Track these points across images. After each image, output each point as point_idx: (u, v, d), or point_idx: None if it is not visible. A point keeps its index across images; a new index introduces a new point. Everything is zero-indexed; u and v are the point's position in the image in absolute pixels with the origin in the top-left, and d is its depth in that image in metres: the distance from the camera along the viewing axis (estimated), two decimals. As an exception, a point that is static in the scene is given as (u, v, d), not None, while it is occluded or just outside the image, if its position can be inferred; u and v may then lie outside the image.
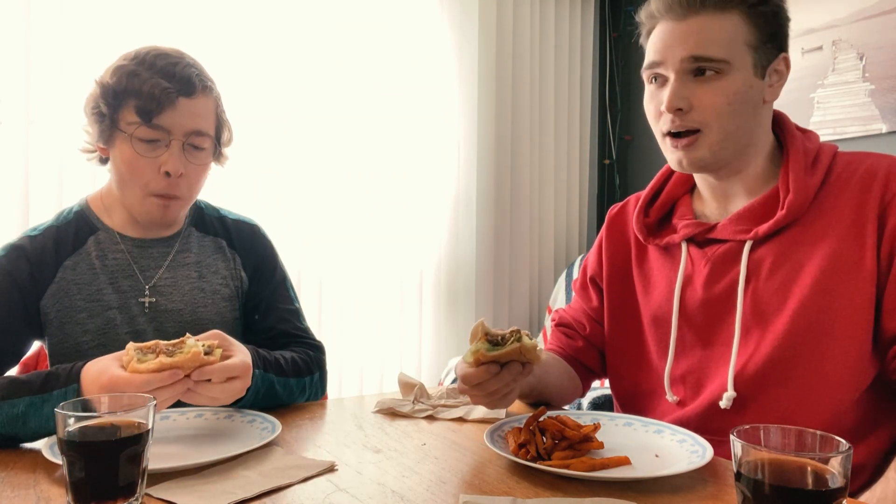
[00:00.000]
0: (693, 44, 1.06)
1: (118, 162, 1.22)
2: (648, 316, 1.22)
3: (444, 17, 3.01)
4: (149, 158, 1.20)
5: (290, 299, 1.43)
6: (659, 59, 1.10)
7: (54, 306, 1.22)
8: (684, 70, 1.07)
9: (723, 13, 1.06)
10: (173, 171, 1.20)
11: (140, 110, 1.17)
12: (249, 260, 1.40)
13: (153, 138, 1.19)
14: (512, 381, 1.00)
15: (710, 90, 1.06)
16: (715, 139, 1.08)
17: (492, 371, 0.98)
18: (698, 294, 1.14)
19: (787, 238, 1.08)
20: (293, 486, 0.85)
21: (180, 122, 1.20)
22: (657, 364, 1.19)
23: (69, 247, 1.26)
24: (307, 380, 1.28)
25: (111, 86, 1.19)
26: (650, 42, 1.13)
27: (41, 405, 0.99)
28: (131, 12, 2.31)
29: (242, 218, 1.45)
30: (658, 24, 1.11)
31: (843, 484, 0.64)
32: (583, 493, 0.83)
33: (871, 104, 2.50)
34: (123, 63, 1.21)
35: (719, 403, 1.07)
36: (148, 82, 1.17)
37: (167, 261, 1.31)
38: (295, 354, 1.29)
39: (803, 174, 1.07)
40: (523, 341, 0.96)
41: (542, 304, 3.30)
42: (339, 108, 2.76)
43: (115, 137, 1.21)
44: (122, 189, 1.25)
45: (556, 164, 3.36)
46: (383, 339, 2.89)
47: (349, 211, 2.80)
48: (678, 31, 1.08)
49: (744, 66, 1.07)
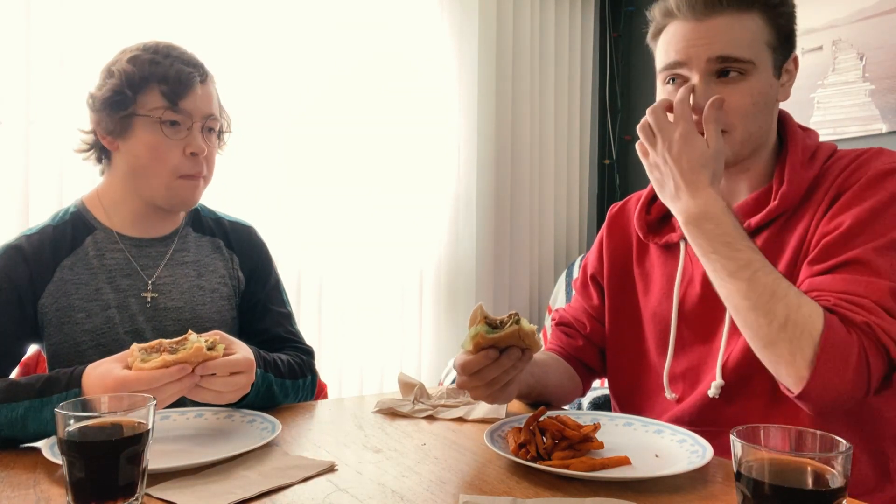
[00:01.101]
0: (720, 44, 1.05)
1: (139, 149, 1.23)
2: (648, 314, 1.22)
3: (444, 17, 3.01)
4: (175, 141, 1.23)
5: (284, 303, 1.44)
6: (682, 58, 1.08)
7: (52, 306, 1.22)
8: (710, 71, 1.06)
9: (745, 13, 1.05)
10: (199, 150, 1.24)
11: (166, 94, 1.21)
12: (247, 261, 1.41)
13: (178, 121, 1.23)
14: (511, 367, 0.98)
15: (735, 91, 1.05)
16: (739, 139, 1.08)
17: (491, 356, 0.97)
18: (697, 292, 1.14)
19: (776, 228, 1.08)
20: (293, 486, 0.85)
21: (199, 106, 1.25)
22: (656, 362, 1.19)
23: (66, 246, 1.26)
24: (300, 382, 1.29)
25: (133, 72, 1.21)
26: (666, 41, 1.10)
27: (41, 409, 0.99)
28: (131, 12, 2.31)
29: (238, 220, 1.47)
30: (674, 22, 1.09)
31: (843, 484, 0.64)
32: (583, 493, 0.83)
33: (871, 104, 2.50)
34: (137, 53, 1.23)
35: (708, 393, 1.08)
36: (172, 67, 1.21)
37: (165, 259, 1.32)
38: (289, 357, 1.30)
39: (800, 168, 1.08)
40: (522, 324, 0.96)
41: (542, 304, 3.30)
42: (339, 109, 2.75)
43: (134, 125, 1.22)
44: (143, 178, 1.25)
45: (556, 164, 3.35)
46: (383, 340, 2.89)
47: (349, 211, 2.80)
48: (700, 30, 1.06)
49: (765, 67, 1.07)
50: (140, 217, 1.30)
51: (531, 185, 3.25)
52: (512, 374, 1.01)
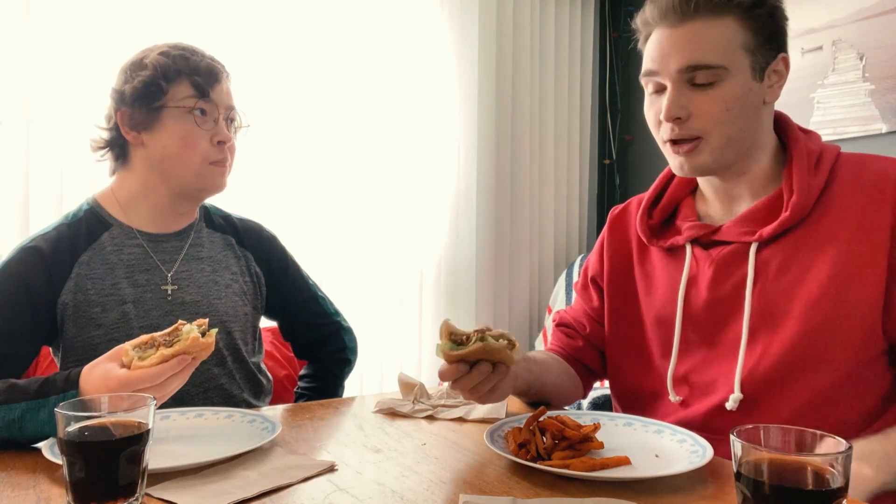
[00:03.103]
0: (689, 52, 1.05)
1: (167, 140, 1.27)
2: (651, 316, 1.22)
3: (444, 17, 3.01)
4: (204, 130, 1.29)
5: (308, 286, 1.54)
6: (655, 67, 1.09)
7: (71, 302, 1.23)
8: (681, 80, 1.07)
9: (718, 17, 1.05)
10: (226, 139, 1.31)
11: (197, 86, 1.27)
12: (262, 255, 1.46)
13: (206, 110, 1.29)
14: (485, 380, 0.99)
15: (708, 98, 1.06)
16: (716, 145, 1.08)
17: (461, 370, 0.98)
18: (703, 295, 1.14)
19: (793, 239, 1.08)
20: (293, 486, 0.85)
21: (223, 98, 1.32)
22: (659, 364, 1.19)
23: (83, 243, 1.27)
24: (340, 383, 1.56)
25: (168, 64, 1.26)
26: (647, 49, 1.12)
27: (37, 410, 0.99)
28: (132, 12, 2.30)
29: (246, 218, 1.50)
30: (654, 30, 1.11)
31: (843, 484, 0.64)
32: (583, 493, 0.83)
33: (871, 104, 2.50)
34: (166, 49, 1.29)
35: (725, 405, 1.07)
36: (203, 60, 1.30)
37: (182, 254, 1.34)
38: (331, 374, 1.55)
39: (807, 175, 1.07)
40: (487, 341, 0.96)
41: (542, 304, 3.30)
42: (339, 108, 2.75)
43: (162, 117, 1.27)
44: (172, 167, 1.29)
45: (556, 164, 3.35)
46: (383, 339, 2.89)
47: (349, 211, 2.80)
48: (674, 38, 1.07)
49: (741, 71, 1.06)
50: (158, 212, 1.33)
51: (531, 185, 3.25)
52: (489, 385, 1.01)
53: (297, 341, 1.56)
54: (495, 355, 0.98)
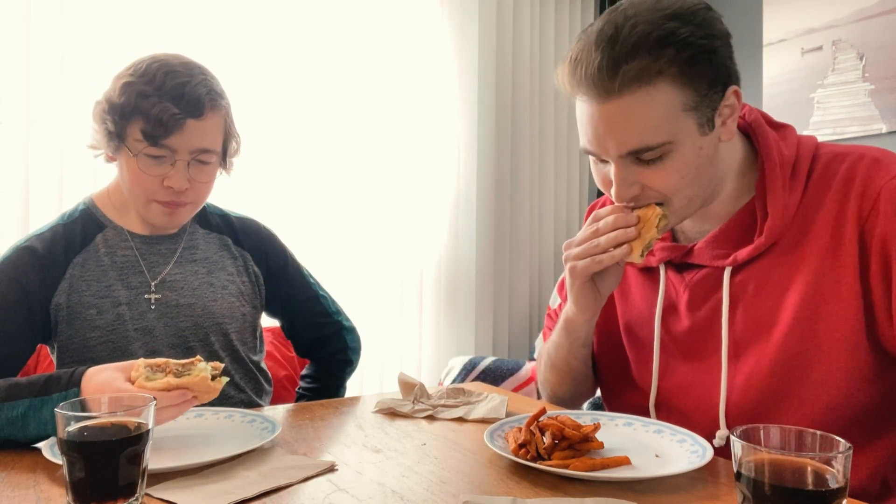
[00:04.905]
0: (624, 137, 0.94)
1: (124, 171, 1.24)
2: (630, 337, 1.18)
3: (444, 17, 3.01)
4: (152, 176, 1.21)
5: (309, 285, 1.52)
6: (594, 149, 0.99)
7: (65, 303, 1.23)
8: (625, 161, 0.97)
9: (648, 86, 0.91)
10: (177, 186, 1.22)
11: (146, 134, 1.18)
12: (261, 255, 1.44)
13: (158, 155, 1.20)
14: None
15: (658, 174, 0.96)
16: (678, 206, 1.00)
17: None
18: (681, 320, 1.09)
19: (768, 261, 1.01)
20: (293, 486, 0.85)
21: (187, 142, 1.21)
22: (641, 384, 1.16)
23: (77, 244, 1.27)
24: (347, 377, 1.59)
25: (120, 105, 1.19)
26: (579, 118, 1.00)
27: (40, 407, 0.99)
28: (132, 12, 2.30)
29: (244, 216, 1.48)
30: (578, 99, 0.98)
31: (843, 484, 0.64)
32: (583, 493, 0.83)
33: (871, 104, 2.50)
34: (132, 80, 1.19)
35: (713, 442, 1.01)
36: (157, 106, 1.17)
37: (175, 257, 1.33)
38: (332, 375, 1.55)
39: (781, 192, 0.99)
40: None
41: (542, 304, 3.30)
42: (339, 108, 2.75)
43: (121, 150, 1.23)
44: (128, 194, 1.27)
45: (556, 165, 3.35)
46: (383, 339, 2.89)
47: (349, 211, 2.80)
48: (605, 116, 0.94)
49: (688, 136, 0.95)
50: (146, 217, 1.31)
51: (531, 184, 3.25)
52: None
53: (298, 340, 1.56)
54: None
